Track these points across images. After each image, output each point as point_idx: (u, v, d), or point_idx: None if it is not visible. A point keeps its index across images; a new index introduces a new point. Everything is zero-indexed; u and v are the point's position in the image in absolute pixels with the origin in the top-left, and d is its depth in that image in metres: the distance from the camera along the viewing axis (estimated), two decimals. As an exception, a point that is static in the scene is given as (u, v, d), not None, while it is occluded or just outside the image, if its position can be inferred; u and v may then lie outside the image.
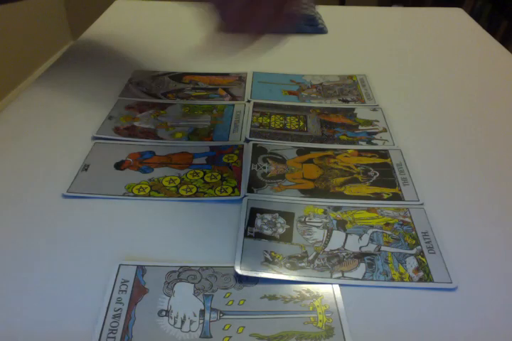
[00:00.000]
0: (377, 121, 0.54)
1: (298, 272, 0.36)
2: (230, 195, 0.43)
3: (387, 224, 0.40)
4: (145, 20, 0.82)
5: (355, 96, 0.60)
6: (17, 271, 0.36)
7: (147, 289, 0.34)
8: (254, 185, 0.44)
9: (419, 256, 0.37)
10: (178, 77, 0.64)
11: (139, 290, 0.34)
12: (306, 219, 0.41)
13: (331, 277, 0.35)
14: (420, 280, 0.35)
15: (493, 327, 0.32)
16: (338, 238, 0.39)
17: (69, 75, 0.63)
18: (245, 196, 0.43)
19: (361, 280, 0.35)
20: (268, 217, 0.41)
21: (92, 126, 0.52)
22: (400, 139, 0.51)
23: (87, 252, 0.37)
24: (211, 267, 0.36)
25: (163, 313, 0.33)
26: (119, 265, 0.36)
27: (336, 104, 0.58)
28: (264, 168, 0.47)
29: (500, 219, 0.42)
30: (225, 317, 0.32)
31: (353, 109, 0.57)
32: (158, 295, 0.34)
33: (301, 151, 0.49)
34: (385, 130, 0.53)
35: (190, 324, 0.32)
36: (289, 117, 0.55)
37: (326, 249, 0.38)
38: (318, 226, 0.40)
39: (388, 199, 0.43)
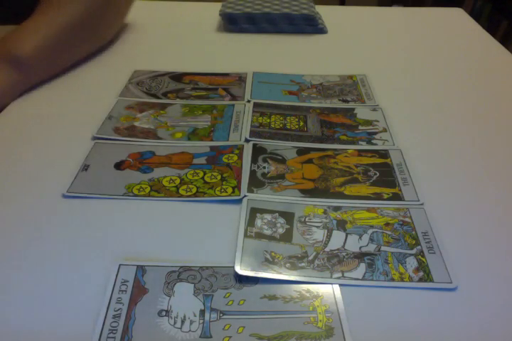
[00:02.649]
0: (377, 121, 0.54)
1: (298, 272, 0.36)
2: (230, 195, 0.43)
3: (387, 224, 0.40)
4: (145, 20, 0.82)
5: (355, 96, 0.60)
6: (16, 271, 0.36)
7: (147, 289, 0.34)
8: (254, 185, 0.44)
9: (419, 256, 0.37)
10: (178, 77, 0.64)
11: (139, 290, 0.34)
12: (306, 219, 0.41)
13: (331, 277, 0.35)
14: (420, 280, 0.35)
15: (493, 327, 0.32)
16: (338, 238, 0.39)
17: (69, 75, 0.63)
18: (245, 196, 0.43)
19: (361, 280, 0.35)
20: (268, 217, 0.41)
21: (92, 126, 0.52)
22: (400, 139, 0.51)
23: (87, 252, 0.37)
24: (211, 267, 0.36)
25: (163, 313, 0.33)
26: (119, 265, 0.36)
27: (336, 104, 0.58)
28: (264, 168, 0.47)
29: (501, 219, 0.42)
30: (225, 317, 0.32)
31: (353, 109, 0.57)
32: (158, 295, 0.34)
33: (301, 151, 0.49)
34: (385, 130, 0.53)
35: (190, 324, 0.32)
36: (289, 117, 0.55)
37: (326, 249, 0.38)
38: (318, 226, 0.40)
39: (388, 199, 0.43)
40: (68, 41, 0.61)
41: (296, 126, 0.53)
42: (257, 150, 0.49)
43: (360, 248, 0.38)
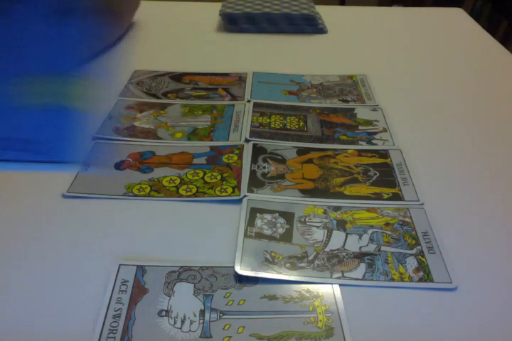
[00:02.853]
0: (377, 121, 0.54)
1: (298, 272, 0.36)
2: (230, 195, 0.43)
3: (387, 224, 0.40)
4: (145, 20, 0.82)
5: (355, 96, 0.60)
6: (16, 271, 0.36)
7: (147, 289, 0.34)
8: (254, 185, 0.44)
9: (419, 256, 0.37)
10: (178, 77, 0.64)
11: (139, 290, 0.34)
12: (306, 219, 0.41)
13: (331, 277, 0.35)
14: (420, 280, 0.35)
15: (493, 327, 0.32)
16: (338, 238, 0.39)
17: (69, 75, 0.63)
18: (245, 196, 0.43)
19: (361, 280, 0.35)
20: (268, 217, 0.41)
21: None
22: (400, 139, 0.51)
23: (87, 252, 0.37)
24: (211, 267, 0.36)
25: (163, 313, 0.33)
26: (119, 265, 0.36)
27: (336, 104, 0.58)
28: (264, 168, 0.47)
29: (501, 218, 0.42)
30: (225, 317, 0.32)
31: (353, 109, 0.57)
32: (158, 295, 0.34)
33: (301, 151, 0.49)
34: (385, 130, 0.53)
35: (190, 324, 0.32)
36: (289, 117, 0.55)
37: (326, 249, 0.38)
38: (318, 226, 0.40)
39: (388, 199, 0.43)
40: None
41: (296, 126, 0.53)
42: (257, 150, 0.49)
43: (360, 248, 0.38)
